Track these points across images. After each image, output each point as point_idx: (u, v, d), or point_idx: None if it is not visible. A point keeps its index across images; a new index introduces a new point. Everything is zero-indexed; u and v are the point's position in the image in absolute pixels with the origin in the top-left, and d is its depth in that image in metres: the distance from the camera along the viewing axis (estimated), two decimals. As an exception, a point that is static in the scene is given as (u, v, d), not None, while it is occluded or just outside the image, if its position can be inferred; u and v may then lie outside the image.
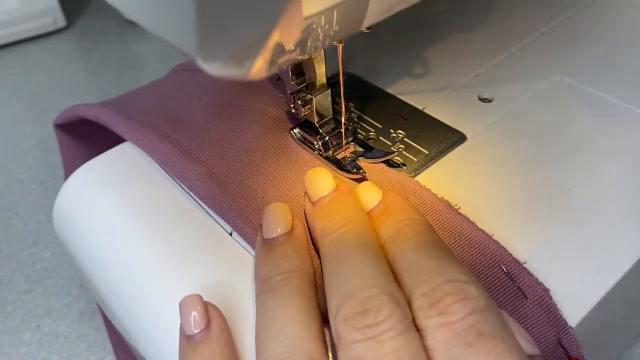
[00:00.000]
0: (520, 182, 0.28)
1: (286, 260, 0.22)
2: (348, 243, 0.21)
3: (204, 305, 0.21)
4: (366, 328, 0.18)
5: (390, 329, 0.18)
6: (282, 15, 0.16)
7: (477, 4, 0.43)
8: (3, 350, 0.38)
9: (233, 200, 0.27)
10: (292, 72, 0.28)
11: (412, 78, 0.35)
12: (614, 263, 0.25)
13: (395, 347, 0.17)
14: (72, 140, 0.37)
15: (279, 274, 0.21)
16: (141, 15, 0.17)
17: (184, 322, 0.21)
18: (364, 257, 0.20)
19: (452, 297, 0.18)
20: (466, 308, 0.18)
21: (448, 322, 0.18)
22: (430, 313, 0.18)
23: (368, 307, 0.18)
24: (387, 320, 0.18)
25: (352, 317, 0.18)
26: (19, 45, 0.72)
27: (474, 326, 0.17)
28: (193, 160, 0.29)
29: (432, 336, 0.18)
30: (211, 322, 0.21)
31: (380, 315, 0.18)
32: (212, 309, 0.21)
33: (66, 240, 0.31)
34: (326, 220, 0.23)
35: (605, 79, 0.34)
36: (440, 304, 0.18)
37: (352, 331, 0.18)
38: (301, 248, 0.23)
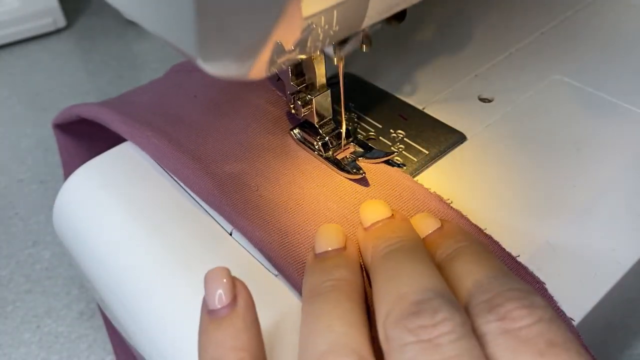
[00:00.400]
0: (520, 182, 0.28)
1: (337, 269, 0.20)
2: (400, 255, 0.20)
3: (232, 279, 0.19)
4: (420, 329, 0.16)
5: (448, 332, 0.16)
6: (282, 15, 0.16)
7: (477, 4, 0.43)
8: (3, 350, 0.38)
9: (232, 201, 0.27)
10: (292, 73, 0.28)
11: (412, 78, 0.35)
12: (614, 263, 0.25)
13: (455, 352, 0.15)
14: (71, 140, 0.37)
15: (328, 280, 0.20)
16: (141, 15, 0.17)
17: (208, 295, 0.19)
18: (417, 266, 0.19)
19: (516, 302, 0.16)
20: (532, 316, 0.16)
21: (513, 329, 0.16)
22: (490, 318, 0.16)
23: (422, 309, 0.16)
24: (444, 323, 0.16)
25: (404, 318, 0.16)
26: (19, 45, 0.72)
27: (544, 335, 0.16)
28: (192, 160, 0.29)
29: (495, 343, 0.16)
30: (238, 298, 0.19)
31: (436, 317, 0.16)
32: (239, 284, 0.19)
33: (66, 240, 0.31)
34: (378, 239, 0.21)
35: (605, 79, 0.34)
36: (502, 309, 0.16)
37: (404, 332, 0.16)
38: (353, 261, 0.21)
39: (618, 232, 0.26)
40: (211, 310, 0.19)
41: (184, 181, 0.28)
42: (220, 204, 0.26)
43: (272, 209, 0.26)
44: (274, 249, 0.24)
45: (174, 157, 0.29)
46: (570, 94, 0.33)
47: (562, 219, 0.26)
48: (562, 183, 0.28)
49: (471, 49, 0.38)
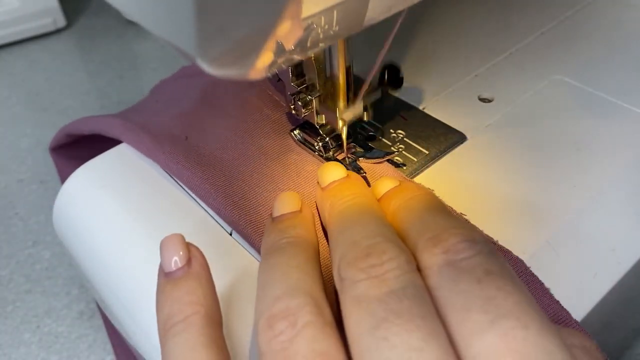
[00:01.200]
0: (520, 182, 0.28)
1: (292, 229, 0.22)
2: (354, 210, 0.21)
3: (186, 244, 0.21)
4: (370, 268, 0.18)
5: (394, 268, 0.17)
6: (282, 15, 0.16)
7: (477, 4, 0.43)
8: (3, 350, 0.38)
9: (232, 201, 0.27)
10: (292, 73, 0.28)
11: (412, 78, 0.35)
12: (614, 263, 0.25)
13: (400, 285, 0.17)
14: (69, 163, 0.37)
15: (284, 237, 0.21)
16: (141, 15, 0.17)
17: (164, 260, 0.20)
18: (367, 217, 0.20)
19: (458, 237, 0.18)
20: (472, 249, 0.18)
21: (454, 260, 0.17)
22: (434, 251, 0.18)
23: (371, 251, 0.18)
24: (391, 261, 0.18)
25: (356, 259, 0.18)
26: (19, 45, 0.72)
27: (482, 265, 0.17)
28: (191, 160, 0.29)
29: (437, 274, 0.18)
30: (192, 261, 0.20)
31: (384, 256, 0.18)
32: (193, 249, 0.21)
33: (66, 240, 0.31)
34: (334, 197, 0.23)
35: (605, 79, 0.34)
36: (446, 243, 0.18)
37: (355, 271, 0.18)
38: (308, 222, 0.23)
39: (618, 232, 0.26)
40: (167, 272, 0.20)
41: (184, 182, 0.28)
42: (219, 205, 0.26)
43: (262, 213, 0.26)
44: None
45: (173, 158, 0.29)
46: (570, 94, 0.33)
47: (562, 219, 0.26)
48: (562, 183, 0.28)
49: (471, 49, 0.38)
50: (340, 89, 0.27)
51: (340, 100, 0.27)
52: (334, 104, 0.27)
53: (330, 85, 0.27)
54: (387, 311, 0.16)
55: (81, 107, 0.60)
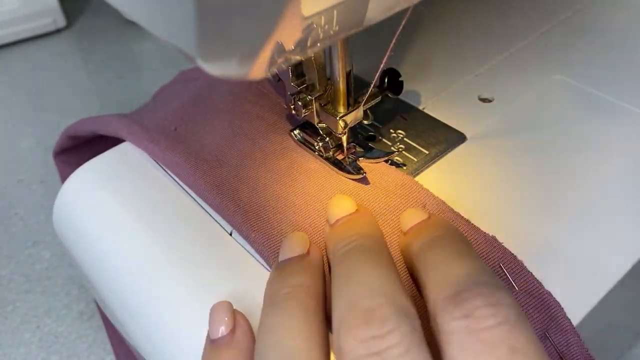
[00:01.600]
0: (520, 182, 0.28)
1: (293, 277, 0.21)
2: (356, 256, 0.20)
3: (233, 312, 0.21)
4: (370, 341, 0.16)
5: (397, 343, 0.16)
6: (282, 15, 0.16)
7: (477, 4, 0.43)
8: (3, 350, 0.38)
9: (232, 200, 0.27)
10: (292, 73, 0.28)
11: (412, 78, 0.35)
12: (614, 263, 0.25)
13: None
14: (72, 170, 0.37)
15: (284, 288, 0.20)
16: (141, 15, 0.17)
17: (211, 326, 0.21)
18: (371, 266, 0.19)
19: (482, 299, 0.17)
20: (497, 316, 0.16)
21: (476, 329, 0.16)
22: (455, 314, 0.17)
23: (371, 317, 0.17)
24: (393, 334, 0.16)
25: (355, 327, 0.17)
26: (19, 45, 0.72)
27: (506, 341, 0.16)
28: (191, 160, 0.29)
29: (457, 344, 0.16)
30: (236, 329, 0.21)
31: (385, 327, 0.16)
32: (239, 317, 0.21)
33: (66, 240, 0.31)
34: (337, 239, 0.22)
35: (605, 79, 0.34)
36: (468, 304, 0.17)
37: (355, 343, 0.17)
38: (314, 267, 0.22)
39: (618, 232, 0.26)
40: (213, 339, 0.21)
41: (183, 180, 0.28)
42: (220, 205, 0.26)
43: (272, 210, 0.26)
44: (273, 251, 0.24)
45: (174, 159, 0.29)
46: (570, 94, 0.33)
47: (562, 219, 0.26)
48: (562, 183, 0.28)
49: (471, 49, 0.38)
50: (341, 94, 0.27)
51: (341, 105, 0.27)
52: (335, 108, 0.27)
53: (330, 90, 0.27)
54: None
55: (81, 107, 0.60)
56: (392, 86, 0.29)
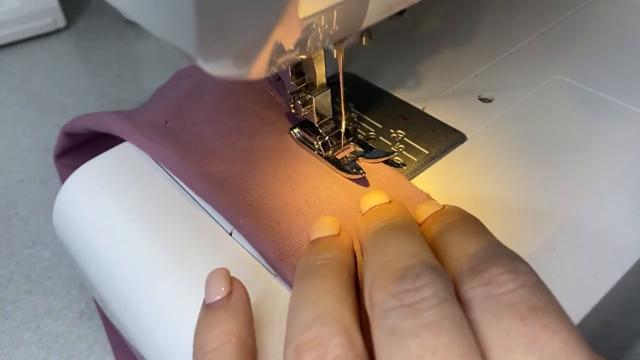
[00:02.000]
0: (520, 182, 0.28)
1: (327, 250, 0.21)
2: (390, 229, 0.20)
3: (230, 278, 0.21)
4: (403, 293, 0.16)
5: (430, 296, 0.16)
6: (282, 15, 0.16)
7: (476, 4, 0.43)
8: (3, 350, 0.38)
9: (232, 199, 0.26)
10: (292, 72, 0.28)
11: (412, 78, 0.35)
12: (614, 263, 0.25)
13: (436, 317, 0.16)
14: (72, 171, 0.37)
15: (318, 259, 0.20)
16: (141, 15, 0.17)
17: (207, 292, 0.21)
18: (403, 237, 0.19)
19: (500, 267, 0.17)
20: (516, 281, 0.16)
21: (497, 294, 0.16)
22: (475, 283, 0.17)
23: (405, 274, 0.17)
24: (426, 287, 0.16)
25: (387, 282, 0.17)
26: (19, 45, 0.72)
27: (526, 300, 0.16)
28: (192, 160, 0.29)
29: (478, 308, 0.16)
30: (233, 293, 0.21)
31: (419, 282, 0.16)
32: (236, 282, 0.21)
33: (66, 240, 0.31)
34: (371, 218, 0.22)
35: (605, 79, 0.34)
36: (487, 274, 0.17)
37: (387, 297, 0.16)
38: (345, 244, 0.22)
39: (618, 232, 0.26)
40: (208, 303, 0.21)
41: (184, 181, 0.28)
42: (220, 204, 0.26)
43: (272, 209, 0.26)
44: (272, 250, 0.24)
45: (173, 159, 0.29)
46: (570, 94, 0.33)
47: (562, 219, 0.26)
48: (562, 183, 0.28)
49: (471, 49, 0.38)
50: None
51: None
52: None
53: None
54: (423, 347, 0.15)
55: (81, 107, 0.60)
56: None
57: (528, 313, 0.16)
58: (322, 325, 0.17)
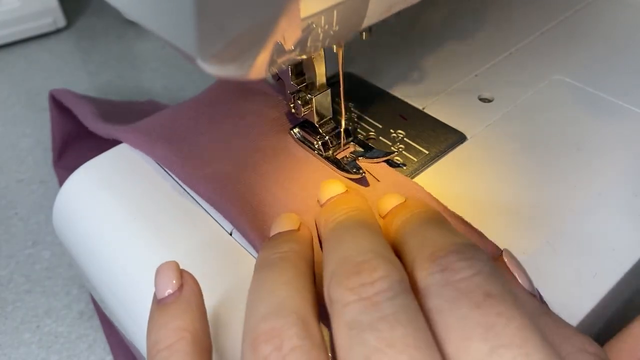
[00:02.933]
0: (520, 182, 0.28)
1: (285, 244, 0.21)
2: (348, 224, 0.21)
3: (180, 272, 0.21)
4: (360, 287, 0.17)
5: (386, 289, 0.16)
6: (282, 15, 0.16)
7: (477, 4, 0.43)
8: (3, 350, 0.38)
9: (232, 199, 0.26)
10: (292, 72, 0.28)
11: (412, 78, 0.35)
12: (614, 263, 0.25)
13: (393, 309, 0.16)
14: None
15: (276, 252, 0.21)
16: (141, 15, 0.17)
17: (157, 286, 0.20)
18: (363, 232, 0.20)
19: (456, 254, 0.17)
20: (472, 268, 0.17)
21: (453, 280, 0.17)
22: (432, 269, 0.17)
23: (362, 269, 0.17)
24: (383, 280, 0.17)
25: (345, 278, 0.17)
26: (19, 45, 0.72)
27: (482, 287, 0.16)
28: (192, 160, 0.29)
29: (435, 295, 0.17)
30: (184, 287, 0.20)
31: (375, 275, 0.17)
32: (186, 275, 0.21)
33: (66, 240, 0.31)
34: (328, 213, 0.22)
35: (605, 79, 0.34)
36: (444, 260, 0.17)
37: (345, 291, 0.17)
38: (304, 237, 0.22)
39: (618, 232, 0.26)
40: (159, 299, 0.20)
41: (183, 181, 0.28)
42: (220, 203, 0.26)
43: (272, 209, 0.26)
44: None
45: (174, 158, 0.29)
46: (570, 94, 0.33)
47: (562, 219, 0.26)
48: (562, 183, 0.28)
49: (471, 49, 0.38)
50: None
51: None
52: None
53: None
54: (379, 340, 0.15)
55: (81, 107, 0.60)
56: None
57: (483, 300, 0.16)
58: (278, 316, 0.17)
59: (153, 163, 0.31)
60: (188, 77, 0.62)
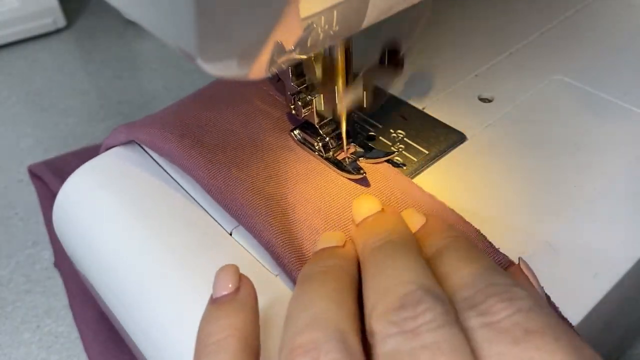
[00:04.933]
0: (520, 182, 0.28)
1: (330, 259, 0.21)
2: (389, 248, 0.20)
3: (239, 275, 0.21)
4: (403, 322, 0.16)
5: (429, 321, 0.16)
6: (282, 15, 0.16)
7: (477, 4, 0.43)
8: (3, 350, 0.38)
9: (232, 199, 0.26)
10: (292, 73, 0.28)
11: (412, 78, 0.35)
12: (614, 263, 0.25)
13: (435, 339, 0.16)
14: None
15: (320, 266, 0.20)
16: (141, 15, 0.17)
17: (215, 287, 0.21)
18: (404, 259, 0.19)
19: (495, 297, 0.17)
20: (511, 308, 0.16)
21: (491, 322, 0.16)
22: (471, 314, 0.17)
23: (406, 302, 0.17)
24: (426, 313, 0.16)
25: (389, 311, 0.17)
26: (19, 45, 0.72)
27: (521, 324, 0.16)
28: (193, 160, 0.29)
29: (474, 337, 0.16)
30: (241, 289, 0.20)
31: (419, 308, 0.16)
32: (244, 279, 0.21)
33: (66, 240, 0.31)
34: (367, 235, 0.22)
35: (605, 79, 0.34)
36: (483, 305, 0.17)
37: (387, 325, 0.17)
38: (349, 254, 0.22)
39: (618, 232, 0.26)
40: (215, 298, 0.20)
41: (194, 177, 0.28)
42: (226, 202, 0.26)
43: (272, 208, 0.26)
44: (275, 248, 0.24)
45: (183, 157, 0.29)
46: (570, 94, 0.33)
47: (562, 219, 0.26)
48: (562, 183, 0.28)
49: (471, 49, 0.38)
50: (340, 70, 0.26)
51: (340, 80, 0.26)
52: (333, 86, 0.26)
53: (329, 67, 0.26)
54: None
55: (81, 107, 0.60)
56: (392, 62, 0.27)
57: (522, 336, 0.16)
58: (316, 328, 0.17)
59: (153, 163, 0.31)
60: (188, 77, 0.62)
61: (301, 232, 0.25)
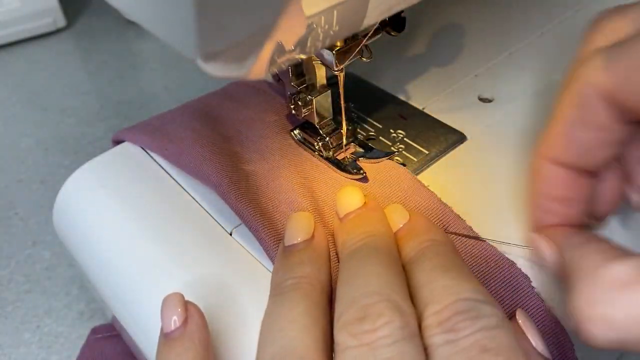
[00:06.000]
0: (520, 182, 0.28)
1: (299, 267, 0.21)
2: (364, 254, 0.21)
3: (185, 304, 0.21)
4: (362, 334, 0.17)
5: (386, 336, 0.17)
6: (282, 15, 0.16)
7: (477, 4, 0.43)
8: (3, 350, 0.38)
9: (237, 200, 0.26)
10: (292, 73, 0.28)
11: (412, 78, 0.35)
12: (614, 263, 0.25)
13: (389, 355, 0.16)
14: None
15: (290, 278, 0.21)
16: (141, 15, 0.17)
17: (163, 319, 0.21)
18: (376, 267, 0.20)
19: (461, 315, 0.17)
20: (473, 326, 0.17)
21: (453, 340, 0.17)
22: (436, 331, 0.17)
23: (367, 314, 0.18)
24: (384, 327, 0.17)
25: (350, 323, 0.18)
26: (19, 45, 0.72)
27: (479, 342, 0.17)
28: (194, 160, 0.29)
29: (435, 354, 0.17)
30: (189, 321, 0.21)
31: (378, 322, 0.17)
32: (192, 308, 0.21)
33: (66, 240, 0.31)
34: (348, 234, 0.22)
35: (605, 79, 0.34)
36: (448, 322, 0.17)
37: (348, 337, 0.17)
38: (318, 256, 0.22)
39: (616, 232, 0.26)
40: (166, 333, 0.21)
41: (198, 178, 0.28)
42: (229, 200, 0.26)
43: (272, 209, 0.26)
44: (273, 249, 0.24)
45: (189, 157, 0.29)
46: (570, 94, 0.33)
47: (562, 219, 0.26)
48: (562, 183, 0.28)
49: (471, 49, 0.38)
50: None
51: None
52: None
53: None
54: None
55: (81, 107, 0.60)
56: (394, 23, 0.27)
57: (477, 355, 0.16)
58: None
59: (153, 163, 0.31)
60: (188, 77, 0.62)
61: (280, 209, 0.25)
